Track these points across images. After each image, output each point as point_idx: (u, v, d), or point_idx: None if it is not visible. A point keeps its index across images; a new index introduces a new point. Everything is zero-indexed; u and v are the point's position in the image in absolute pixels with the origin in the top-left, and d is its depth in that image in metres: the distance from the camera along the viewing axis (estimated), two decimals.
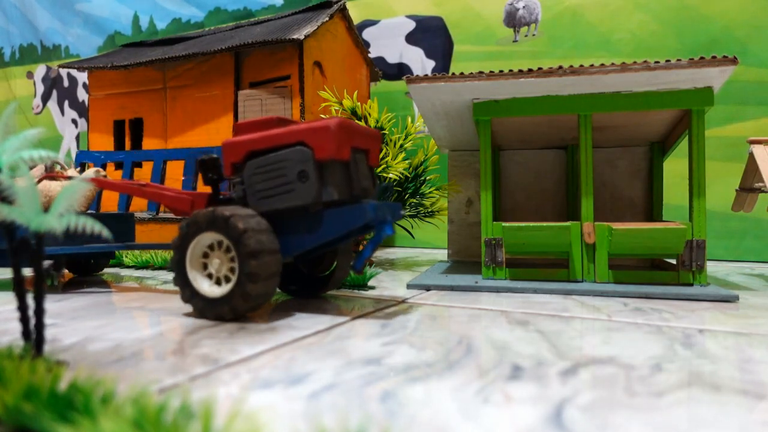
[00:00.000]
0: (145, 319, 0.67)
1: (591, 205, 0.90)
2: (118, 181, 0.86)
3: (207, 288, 0.66)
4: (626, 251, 0.89)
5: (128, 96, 1.59)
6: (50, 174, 0.89)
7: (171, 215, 1.27)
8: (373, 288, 0.90)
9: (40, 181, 0.85)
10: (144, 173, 1.40)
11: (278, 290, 0.84)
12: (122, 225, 1.00)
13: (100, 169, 0.93)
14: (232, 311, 0.63)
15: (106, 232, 0.49)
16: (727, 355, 0.50)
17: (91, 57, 1.93)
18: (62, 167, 0.92)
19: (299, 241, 0.67)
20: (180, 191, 0.79)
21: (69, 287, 0.93)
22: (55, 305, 0.76)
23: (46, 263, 0.82)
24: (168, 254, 1.17)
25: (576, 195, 1.08)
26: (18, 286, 0.47)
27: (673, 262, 1.00)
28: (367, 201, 0.67)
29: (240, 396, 0.40)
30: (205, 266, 0.66)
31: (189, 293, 0.66)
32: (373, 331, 0.60)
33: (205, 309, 0.65)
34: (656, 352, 0.51)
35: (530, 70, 0.87)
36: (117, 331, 0.61)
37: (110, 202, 1.36)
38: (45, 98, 2.53)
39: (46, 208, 0.83)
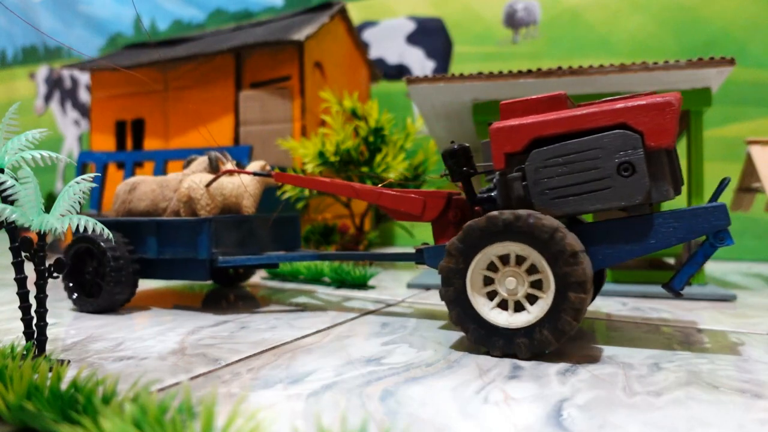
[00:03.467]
0: (145, 319, 0.68)
1: None
2: (323, 179, 0.70)
3: (493, 315, 0.51)
4: None
5: (130, 97, 1.60)
6: (227, 171, 0.75)
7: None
8: (373, 288, 0.90)
9: (215, 179, 0.74)
10: (145, 173, 1.40)
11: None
12: (288, 229, 0.86)
13: (266, 164, 0.80)
14: (531, 348, 0.49)
15: (106, 232, 0.50)
16: (725, 355, 0.51)
17: (94, 58, 1.93)
18: (222, 161, 0.78)
19: (612, 254, 0.52)
20: (406, 189, 0.65)
21: None
22: (56, 305, 0.76)
23: (48, 263, 0.82)
24: None
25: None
26: (20, 286, 0.47)
27: (672, 261, 1.00)
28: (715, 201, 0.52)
29: (240, 395, 0.40)
30: (486, 283, 0.52)
31: (462, 315, 0.52)
32: (373, 331, 0.60)
33: (486, 339, 0.51)
34: (655, 351, 0.52)
35: (529, 71, 0.87)
36: (118, 331, 0.61)
37: (111, 202, 1.36)
38: (47, 99, 2.53)
39: (224, 209, 0.75)
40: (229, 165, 0.77)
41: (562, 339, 0.48)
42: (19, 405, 0.34)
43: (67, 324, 0.65)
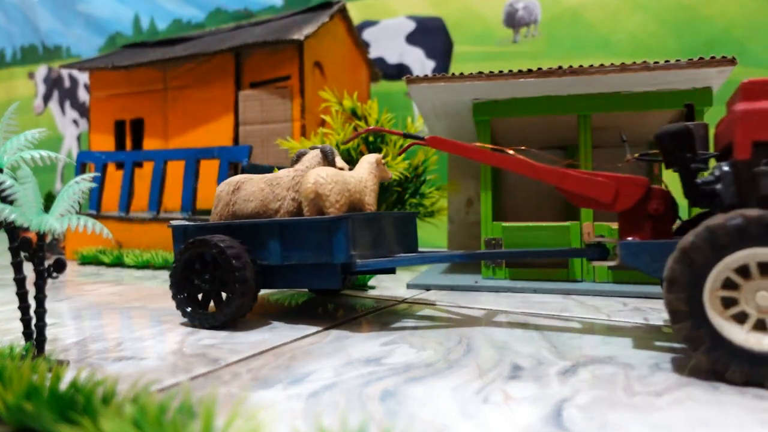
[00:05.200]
0: (145, 319, 0.68)
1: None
2: (494, 153, 0.61)
3: (750, 339, 0.41)
4: None
5: (129, 96, 1.60)
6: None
7: (173, 215, 1.26)
8: (373, 288, 0.90)
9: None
10: (145, 173, 1.40)
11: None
12: (409, 228, 0.76)
13: (380, 157, 0.73)
14: None
15: (106, 232, 0.50)
16: None
17: (93, 57, 1.93)
18: (328, 153, 0.70)
19: None
20: (594, 173, 0.57)
21: (69, 287, 0.93)
22: (55, 305, 0.76)
23: (48, 263, 0.81)
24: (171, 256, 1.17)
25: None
26: (19, 286, 0.47)
27: None
28: None
29: (240, 396, 0.40)
30: (726, 302, 0.43)
31: (703, 338, 0.42)
32: (373, 331, 0.60)
33: (733, 368, 0.41)
34: (655, 351, 0.52)
35: (530, 71, 0.87)
36: (118, 331, 0.61)
37: (111, 203, 1.36)
38: (46, 99, 2.53)
39: (351, 207, 0.67)
40: (339, 158, 0.71)
41: None
42: (18, 405, 0.34)
43: (66, 324, 0.65)
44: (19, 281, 0.47)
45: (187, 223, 0.70)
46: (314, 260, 0.62)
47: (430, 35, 1.79)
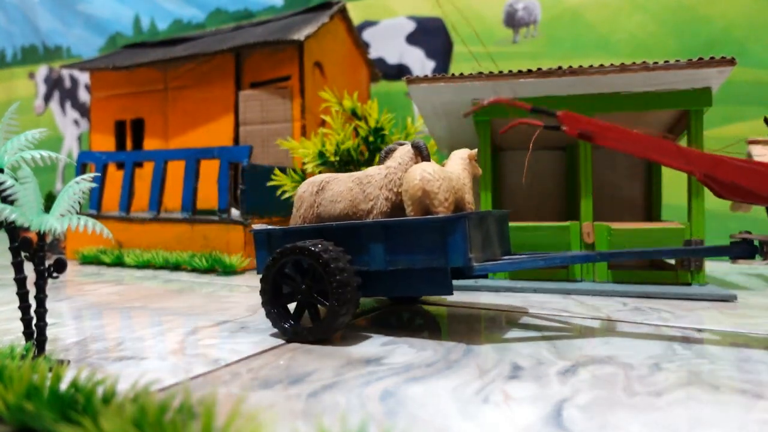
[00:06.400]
0: (145, 319, 0.68)
1: (590, 205, 0.90)
2: (637, 133, 0.52)
3: None
4: None
5: (130, 96, 1.60)
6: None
7: (173, 215, 1.26)
8: None
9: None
10: (145, 173, 1.40)
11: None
12: (503, 226, 0.71)
13: (474, 153, 0.67)
14: None
15: (106, 232, 0.50)
16: (725, 355, 0.50)
17: (93, 58, 1.93)
18: (423, 149, 0.64)
19: None
20: (752, 161, 0.51)
21: (70, 287, 0.93)
22: (56, 305, 0.76)
23: (48, 263, 0.81)
24: (170, 255, 1.17)
25: (575, 195, 1.08)
26: (20, 286, 0.47)
27: (672, 262, 1.00)
28: None
29: (240, 396, 0.40)
30: None
31: None
32: (373, 331, 0.60)
33: None
34: (655, 351, 0.52)
35: (530, 71, 0.87)
36: (118, 331, 0.61)
37: (111, 203, 1.36)
38: (47, 99, 2.53)
39: (456, 206, 0.61)
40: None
41: None
42: (18, 405, 0.34)
43: (67, 324, 0.65)
44: (20, 281, 0.47)
45: (269, 227, 0.65)
46: (425, 264, 0.56)
47: (430, 35, 1.79)
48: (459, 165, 0.65)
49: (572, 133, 0.55)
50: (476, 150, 0.66)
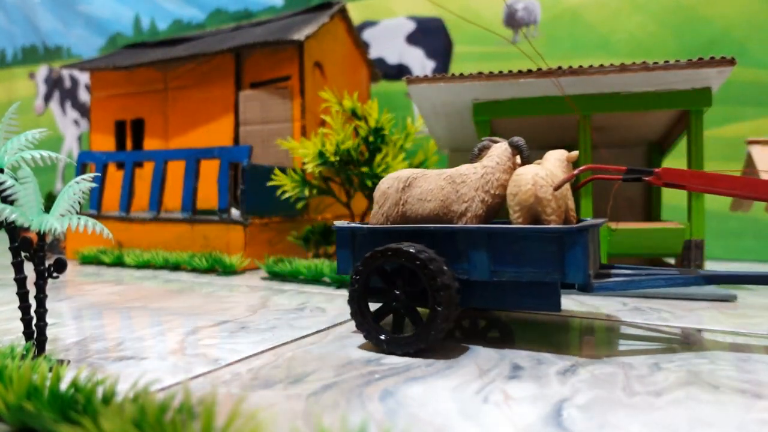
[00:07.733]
0: (145, 319, 0.68)
1: (590, 205, 0.90)
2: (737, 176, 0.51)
3: None
4: (625, 251, 0.90)
5: (130, 96, 1.60)
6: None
7: (173, 215, 1.26)
8: None
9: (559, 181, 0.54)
10: (145, 173, 1.40)
11: None
12: (598, 238, 0.64)
13: (570, 154, 0.61)
14: None
15: (106, 232, 0.50)
16: (725, 355, 0.50)
17: (94, 58, 1.93)
18: (523, 149, 0.58)
19: None
20: None
21: (70, 287, 0.93)
22: (56, 305, 0.76)
23: (48, 263, 0.81)
24: (170, 255, 1.17)
25: (575, 195, 1.08)
26: (20, 286, 0.47)
27: (672, 261, 1.00)
28: None
29: (240, 396, 0.40)
30: None
31: None
32: None
33: None
34: (655, 351, 0.52)
35: (529, 71, 0.87)
36: (118, 331, 0.61)
37: (111, 203, 1.36)
38: (47, 99, 2.53)
39: (566, 218, 0.55)
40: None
41: None
42: (18, 405, 0.34)
43: (67, 324, 0.65)
44: (20, 281, 0.47)
45: (353, 225, 0.60)
46: (535, 278, 0.51)
47: (430, 35, 1.79)
48: (558, 168, 0.58)
49: (660, 184, 0.56)
50: (576, 152, 0.61)
